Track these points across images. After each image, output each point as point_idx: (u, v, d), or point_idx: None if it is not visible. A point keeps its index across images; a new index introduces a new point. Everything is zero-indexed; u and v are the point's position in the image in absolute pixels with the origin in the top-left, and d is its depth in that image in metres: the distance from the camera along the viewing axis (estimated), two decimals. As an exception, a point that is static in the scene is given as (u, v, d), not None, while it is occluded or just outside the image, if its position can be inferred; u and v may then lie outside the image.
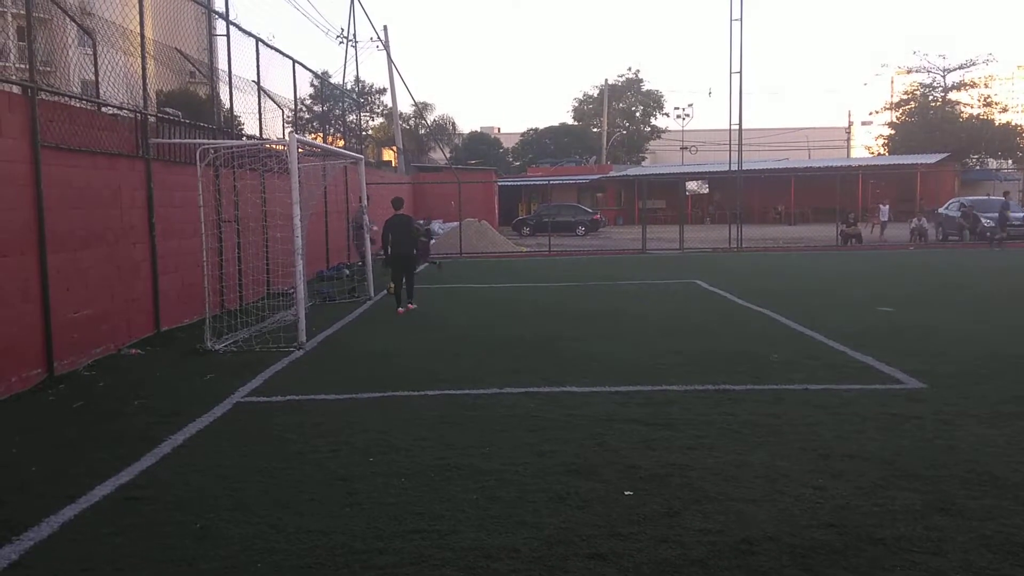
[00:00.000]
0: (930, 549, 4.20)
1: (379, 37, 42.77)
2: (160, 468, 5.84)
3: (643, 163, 72.94)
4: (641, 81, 76.54)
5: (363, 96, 51.32)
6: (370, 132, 56.06)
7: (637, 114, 77.61)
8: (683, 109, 77.63)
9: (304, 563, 4.22)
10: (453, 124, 71.26)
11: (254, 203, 15.00)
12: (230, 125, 15.48)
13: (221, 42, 14.80)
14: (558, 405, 7.34)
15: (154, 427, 6.86)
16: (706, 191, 53.93)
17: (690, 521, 4.64)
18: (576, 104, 78.29)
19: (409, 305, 13.93)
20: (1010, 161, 58.05)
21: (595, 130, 73.62)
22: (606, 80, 73.49)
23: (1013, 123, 61.03)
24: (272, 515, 4.88)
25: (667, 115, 77.83)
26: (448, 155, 60.92)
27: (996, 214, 29.13)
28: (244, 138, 16.11)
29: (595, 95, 75.58)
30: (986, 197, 37.93)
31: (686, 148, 74.01)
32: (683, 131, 76.46)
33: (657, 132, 77.31)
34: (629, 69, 78.00)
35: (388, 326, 12.62)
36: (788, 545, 4.27)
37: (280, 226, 14.45)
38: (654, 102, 77.24)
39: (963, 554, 4.13)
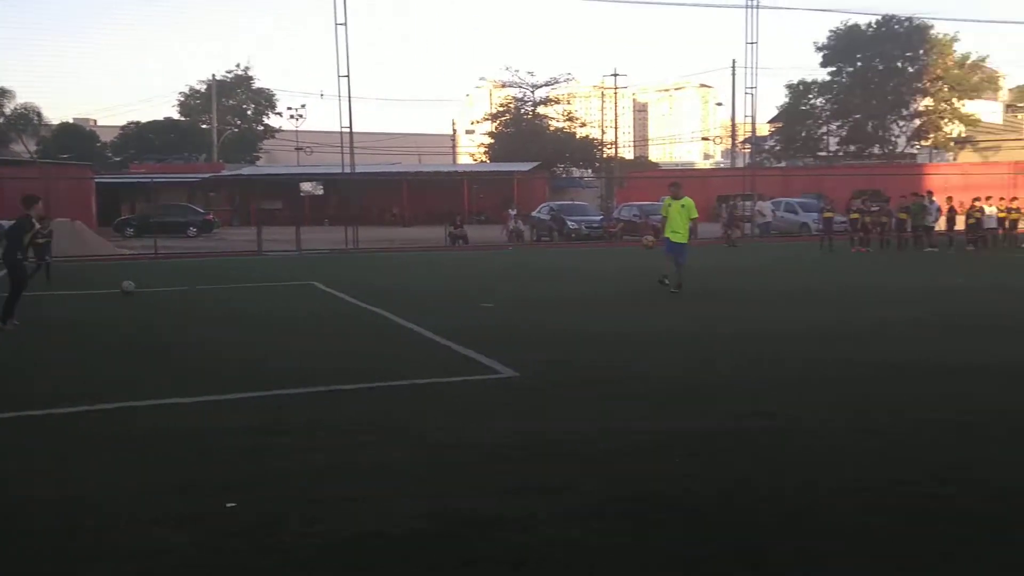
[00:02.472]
0: (520, 527, 4.53)
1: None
2: None
3: (258, 163, 71.03)
4: (251, 79, 74.44)
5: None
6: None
7: (249, 112, 75.36)
8: (296, 109, 77.00)
9: None
10: (39, 114, 63.54)
11: None
12: None
13: None
14: (165, 417, 6.84)
15: None
16: (321, 192, 53.93)
17: (293, 525, 4.55)
18: (182, 99, 73.98)
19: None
20: (590, 170, 65.57)
21: (204, 127, 70.17)
22: (214, 75, 70.35)
23: (591, 136, 68.98)
24: None
25: (280, 115, 76.57)
26: (34, 148, 54.25)
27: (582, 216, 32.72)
28: None
29: (203, 90, 72.01)
30: (571, 202, 42.54)
31: (301, 149, 73.45)
32: (297, 131, 75.80)
33: (271, 131, 75.70)
34: (238, 65, 75.20)
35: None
36: (391, 538, 4.36)
37: None
38: (266, 101, 75.54)
39: (545, 527, 4.52)
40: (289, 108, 79.23)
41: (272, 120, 76.09)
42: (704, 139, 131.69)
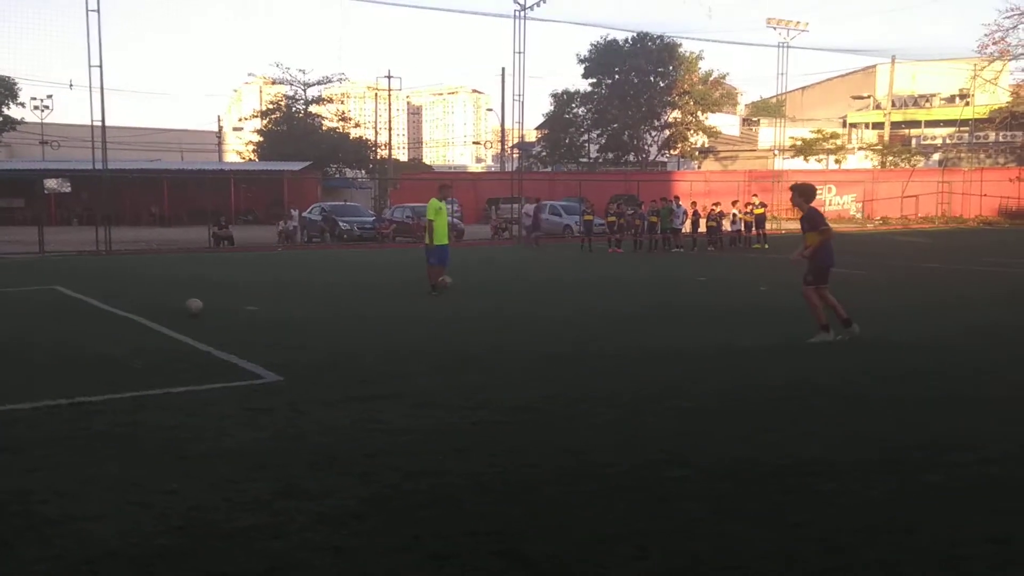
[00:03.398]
0: (272, 533, 4.45)
1: None
2: None
3: (-5, 156, 64.41)
4: (-15, 65, 67.39)
5: None
6: None
7: (-16, 101, 68.04)
8: (42, 100, 70.62)
9: None
10: None
11: None
12: None
13: None
14: None
15: None
16: (68, 190, 49.78)
17: (26, 551, 4.22)
18: (-99, 83, 65.54)
19: None
20: (363, 171, 65.04)
21: (-71, 116, 62.68)
22: (-59, 58, 63.12)
23: (364, 137, 68.47)
24: None
25: (23, 105, 69.77)
26: None
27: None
28: None
29: (-72, 75, 64.22)
30: (344, 203, 42.03)
31: (47, 143, 67.46)
32: (43, 124, 69.53)
33: (11, 123, 68.83)
34: (-29, 49, 68.12)
35: None
36: (131, 557, 4.14)
37: None
38: (6, 89, 68.52)
39: (300, 532, 4.47)
40: (34, 99, 72.33)
41: (13, 111, 69.16)
42: (476, 143, 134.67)
